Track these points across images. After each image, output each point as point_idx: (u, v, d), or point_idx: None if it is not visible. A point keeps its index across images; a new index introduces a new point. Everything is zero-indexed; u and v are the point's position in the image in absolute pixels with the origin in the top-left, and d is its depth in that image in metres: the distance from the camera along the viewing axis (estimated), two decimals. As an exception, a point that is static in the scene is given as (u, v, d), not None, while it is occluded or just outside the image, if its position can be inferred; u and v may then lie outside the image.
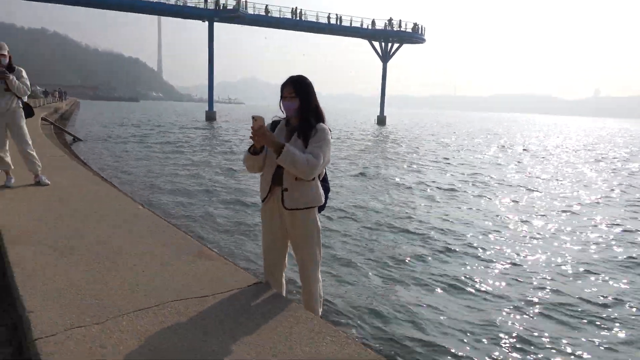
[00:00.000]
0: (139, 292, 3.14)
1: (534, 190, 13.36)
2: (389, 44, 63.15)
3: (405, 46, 65.12)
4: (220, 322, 2.79)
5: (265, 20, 55.16)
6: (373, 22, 60.89)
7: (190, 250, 4.03)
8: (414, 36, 62.34)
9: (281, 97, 3.09)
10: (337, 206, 9.66)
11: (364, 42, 63.66)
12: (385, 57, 63.48)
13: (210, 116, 54.74)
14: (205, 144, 25.00)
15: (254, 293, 3.22)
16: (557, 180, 15.82)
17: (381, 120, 64.09)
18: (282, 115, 3.22)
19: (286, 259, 3.44)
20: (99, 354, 2.39)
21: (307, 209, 3.13)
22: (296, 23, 56.62)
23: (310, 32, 61.44)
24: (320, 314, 3.36)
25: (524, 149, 29.43)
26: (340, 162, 18.05)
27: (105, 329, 2.64)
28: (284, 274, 3.46)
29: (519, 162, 21.70)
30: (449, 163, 19.91)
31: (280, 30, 60.88)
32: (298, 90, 3.04)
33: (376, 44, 62.88)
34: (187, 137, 28.68)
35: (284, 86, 3.08)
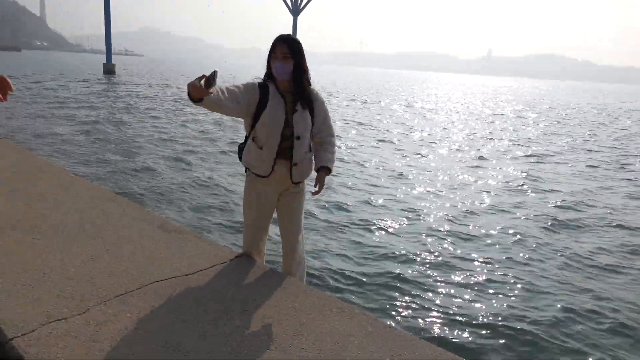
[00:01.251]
0: (117, 275, 2.85)
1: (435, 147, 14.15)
2: (300, -3, 61.78)
3: (315, 0, 64.19)
4: (216, 299, 2.64)
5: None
6: (283, -27, 58.96)
7: (156, 224, 3.72)
8: (325, -10, 61.46)
9: (271, 56, 2.83)
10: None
11: (274, -6, 61.58)
12: (295, 10, 62.14)
13: (109, 69, 50.29)
14: (110, 99, 23.06)
15: (239, 267, 3.07)
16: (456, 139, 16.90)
17: (292, 76, 63.38)
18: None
19: None
20: (95, 348, 2.15)
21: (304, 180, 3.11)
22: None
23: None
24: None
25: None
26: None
27: (90, 319, 2.37)
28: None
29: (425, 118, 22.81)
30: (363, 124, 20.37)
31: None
32: (293, 51, 2.79)
33: (286, -4, 61.19)
34: (84, 93, 26.11)
35: (276, 44, 2.81)
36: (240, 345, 2.23)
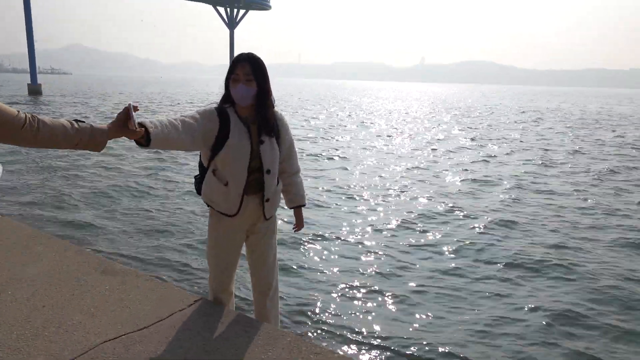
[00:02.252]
0: (51, 335, 2.40)
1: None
2: (235, 10, 61.36)
3: (251, 12, 64.04)
4: (178, 356, 2.26)
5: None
6: (217, -13, 58.40)
7: (96, 267, 3.26)
8: (260, 3, 61.49)
9: (231, 77, 2.48)
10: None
11: (208, 8, 60.82)
12: (231, 23, 61.60)
13: (35, 90, 47.30)
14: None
15: (203, 313, 2.70)
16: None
17: (232, 90, 62.52)
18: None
19: None
20: None
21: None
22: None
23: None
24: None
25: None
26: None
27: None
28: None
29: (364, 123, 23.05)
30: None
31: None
32: (256, 72, 2.46)
33: (221, 9, 60.58)
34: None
35: (236, 64, 2.46)
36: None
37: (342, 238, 6.27)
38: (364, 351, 3.59)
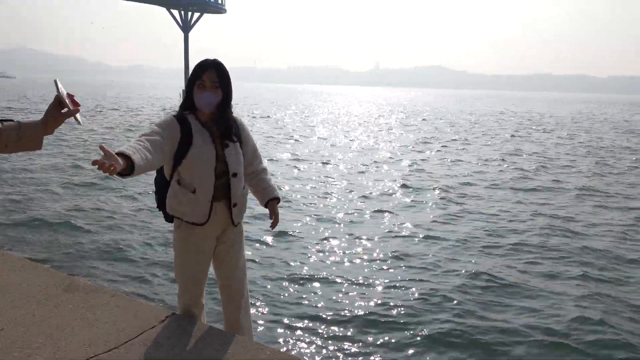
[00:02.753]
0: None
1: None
2: (190, 13, 60.15)
3: (206, 16, 62.94)
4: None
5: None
6: (170, -11, 57.04)
7: (57, 284, 3.09)
8: (215, 6, 60.56)
9: (196, 83, 2.43)
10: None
11: (162, 11, 59.38)
12: (186, 27, 60.35)
13: (-24, 94, 44.74)
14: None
15: (175, 330, 2.60)
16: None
17: (187, 95, 61.11)
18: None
19: None
20: None
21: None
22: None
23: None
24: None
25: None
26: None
27: None
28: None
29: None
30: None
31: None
32: (223, 80, 2.45)
33: (175, 12, 59.23)
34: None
35: (203, 70, 2.42)
36: None
37: (307, 241, 6.26)
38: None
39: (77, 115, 1.78)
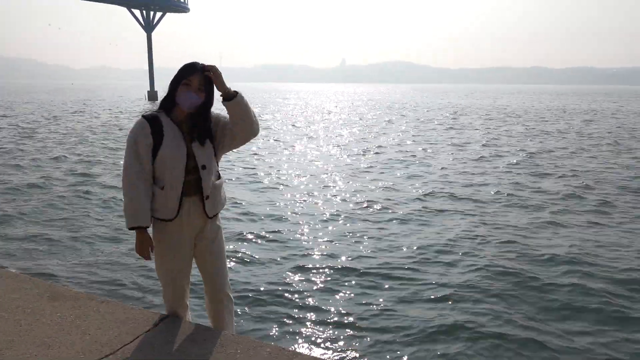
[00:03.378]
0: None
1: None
2: (152, 12, 58.95)
3: (169, 15, 61.84)
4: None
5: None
6: (129, -12, 55.77)
7: (41, 293, 2.99)
8: (177, 4, 59.59)
9: (180, 83, 2.47)
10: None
11: (122, 10, 58.00)
12: (148, 26, 59.13)
13: None
14: None
15: (172, 332, 2.56)
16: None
17: (152, 96, 59.96)
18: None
19: None
20: None
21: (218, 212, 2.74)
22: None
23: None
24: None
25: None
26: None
27: None
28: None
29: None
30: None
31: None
32: (208, 85, 2.51)
33: (137, 12, 57.95)
34: None
35: (192, 72, 2.47)
36: None
37: (285, 232, 6.24)
38: (336, 352, 3.58)
39: None
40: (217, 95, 2.57)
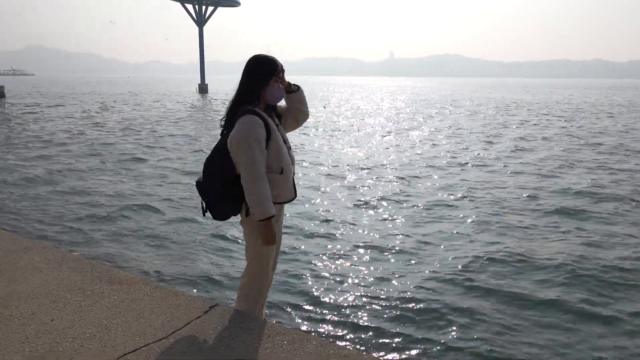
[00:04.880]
0: (66, 350, 2.29)
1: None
2: (203, 7, 60.34)
3: (220, 9, 63.10)
4: (205, 370, 2.19)
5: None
6: (184, -17, 57.32)
7: (99, 276, 3.14)
8: (229, -1, 60.70)
9: (271, 78, 2.61)
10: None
11: (175, 5, 59.70)
12: (200, 21, 60.57)
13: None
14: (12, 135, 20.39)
15: (221, 319, 2.62)
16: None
17: (203, 89, 61.56)
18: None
19: None
20: None
21: None
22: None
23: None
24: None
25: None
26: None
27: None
28: None
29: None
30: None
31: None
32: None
33: (189, 7, 59.48)
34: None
35: (280, 69, 2.65)
36: None
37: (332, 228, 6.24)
38: (387, 349, 3.56)
39: None
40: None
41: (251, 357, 2.29)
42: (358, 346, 3.51)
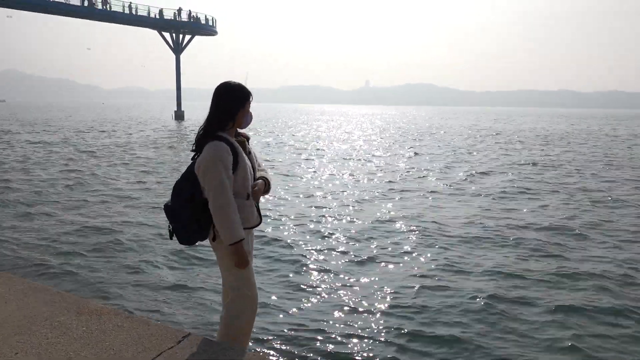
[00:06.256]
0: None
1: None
2: (181, 36, 60.67)
3: (197, 38, 63.48)
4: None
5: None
6: (161, 12, 57.67)
7: (67, 307, 3.03)
8: (206, 28, 61.24)
9: (245, 104, 2.71)
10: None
11: (153, 33, 59.89)
12: (177, 49, 60.82)
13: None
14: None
15: (194, 349, 2.55)
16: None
17: (179, 116, 61.30)
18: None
19: None
20: None
21: None
22: (70, 8, 49.54)
23: (87, 18, 54.57)
24: None
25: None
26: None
27: None
28: None
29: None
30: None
31: (48, 15, 52.30)
32: None
33: (167, 35, 59.72)
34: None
35: (249, 96, 2.74)
36: None
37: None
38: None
39: None
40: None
41: (225, 389, 2.23)
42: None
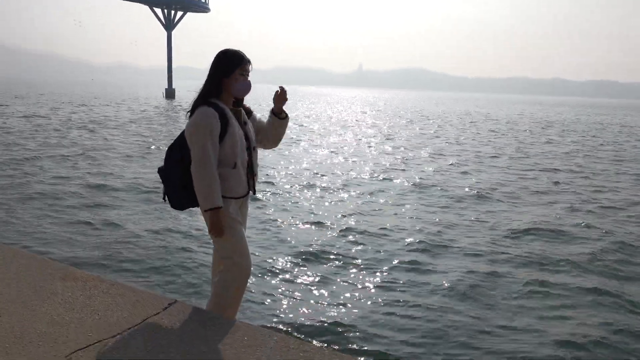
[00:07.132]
0: (12, 347, 2.18)
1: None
2: (172, 12, 59.55)
3: (189, 15, 62.40)
4: (161, 365, 2.12)
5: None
6: (152, -14, 56.52)
7: (53, 273, 3.01)
8: (199, 4, 60.13)
9: (235, 71, 2.62)
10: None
11: (144, 9, 58.73)
12: (169, 25, 59.73)
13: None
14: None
15: (180, 316, 2.55)
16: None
17: (170, 94, 60.51)
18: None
19: None
20: None
21: None
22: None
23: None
24: None
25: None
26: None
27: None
28: None
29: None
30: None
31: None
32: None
33: (158, 11, 58.60)
34: None
35: (245, 61, 2.65)
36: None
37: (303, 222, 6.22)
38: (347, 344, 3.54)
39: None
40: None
41: (209, 352, 2.24)
42: (320, 343, 3.50)
